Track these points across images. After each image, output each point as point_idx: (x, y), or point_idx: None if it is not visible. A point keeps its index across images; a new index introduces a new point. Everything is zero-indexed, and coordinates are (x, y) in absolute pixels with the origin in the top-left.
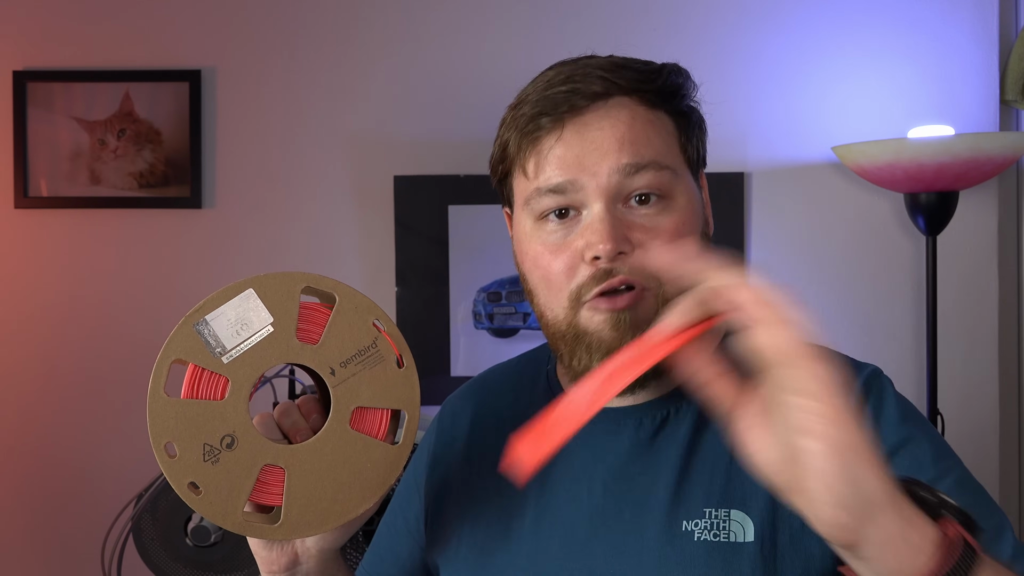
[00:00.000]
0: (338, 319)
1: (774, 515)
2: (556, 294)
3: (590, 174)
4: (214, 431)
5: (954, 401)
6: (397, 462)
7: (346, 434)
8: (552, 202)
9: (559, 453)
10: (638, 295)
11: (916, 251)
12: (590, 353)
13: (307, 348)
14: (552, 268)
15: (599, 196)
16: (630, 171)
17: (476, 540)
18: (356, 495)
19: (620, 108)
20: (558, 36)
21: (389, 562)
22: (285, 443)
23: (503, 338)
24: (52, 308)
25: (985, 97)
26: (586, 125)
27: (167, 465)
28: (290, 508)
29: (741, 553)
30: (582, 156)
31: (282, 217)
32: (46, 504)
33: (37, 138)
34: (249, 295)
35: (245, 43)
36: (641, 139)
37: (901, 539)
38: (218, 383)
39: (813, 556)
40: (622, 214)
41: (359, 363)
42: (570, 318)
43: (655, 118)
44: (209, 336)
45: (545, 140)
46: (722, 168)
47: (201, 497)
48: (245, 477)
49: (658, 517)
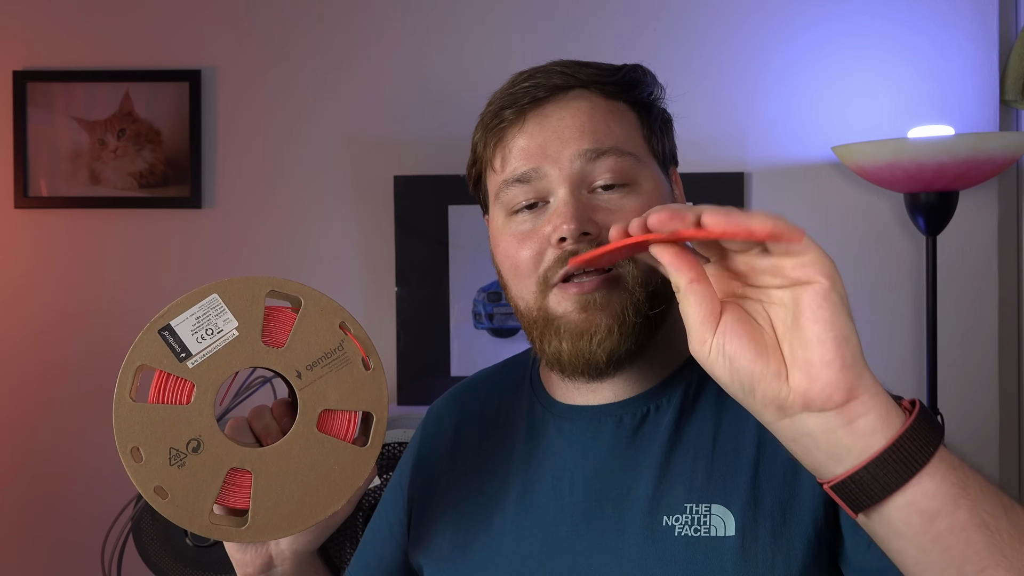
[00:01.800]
0: (304, 322)
1: (755, 509)
2: (524, 280)
3: (552, 161)
4: (180, 435)
5: (954, 401)
6: (365, 464)
7: (313, 436)
8: (520, 192)
9: (541, 451)
10: (605, 277)
11: (916, 251)
12: (559, 336)
13: (273, 351)
14: (519, 256)
15: (563, 182)
16: (592, 156)
17: (459, 539)
18: (324, 497)
19: (580, 99)
20: (558, 37)
21: (374, 566)
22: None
23: (502, 338)
24: (52, 308)
25: (985, 97)
26: (547, 116)
27: (133, 470)
28: (257, 511)
29: (722, 547)
30: (544, 145)
31: (282, 217)
32: (46, 504)
33: (37, 138)
34: (213, 300)
35: (245, 43)
36: (602, 127)
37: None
38: (183, 388)
39: (795, 549)
40: (587, 199)
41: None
42: (540, 302)
43: (615, 108)
44: (174, 341)
45: (508, 132)
46: (722, 168)
47: (167, 501)
48: (211, 480)
49: (639, 513)
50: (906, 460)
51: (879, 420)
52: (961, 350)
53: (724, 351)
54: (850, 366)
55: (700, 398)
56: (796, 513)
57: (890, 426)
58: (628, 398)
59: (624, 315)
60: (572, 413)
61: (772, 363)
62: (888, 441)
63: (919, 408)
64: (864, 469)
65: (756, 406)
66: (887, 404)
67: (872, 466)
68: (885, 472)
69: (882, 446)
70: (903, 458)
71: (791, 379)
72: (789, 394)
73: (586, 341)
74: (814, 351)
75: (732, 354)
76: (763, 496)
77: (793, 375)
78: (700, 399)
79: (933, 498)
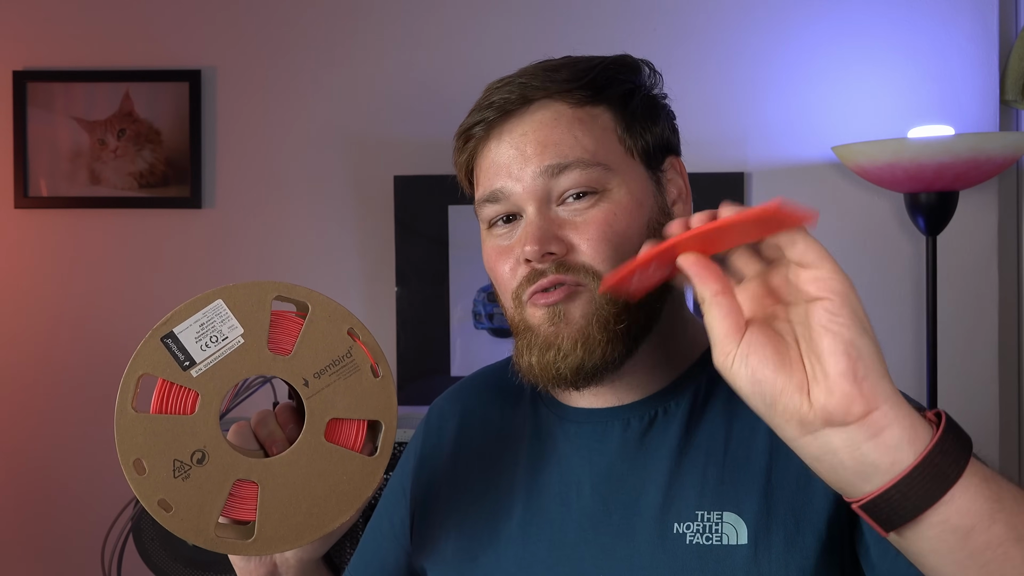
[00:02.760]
0: (311, 329)
1: (768, 517)
2: (504, 293)
3: (516, 179)
4: (184, 446)
5: (954, 401)
6: (374, 474)
7: (321, 446)
8: (492, 210)
9: (547, 454)
10: (569, 290)
11: (916, 251)
12: (530, 349)
13: (279, 359)
14: (498, 270)
15: (528, 200)
16: (553, 172)
17: (463, 543)
18: (332, 508)
19: (544, 110)
20: (558, 36)
21: (375, 567)
22: (260, 454)
23: (503, 338)
24: (52, 308)
25: (985, 97)
26: (511, 131)
27: (136, 482)
28: (264, 523)
29: (734, 556)
30: (509, 163)
31: (282, 217)
32: (46, 504)
33: (37, 138)
34: (218, 306)
35: (245, 43)
36: (566, 139)
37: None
38: (187, 397)
39: (808, 559)
40: (555, 214)
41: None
42: (519, 314)
43: (585, 115)
44: (177, 349)
45: (478, 150)
46: (722, 168)
47: (172, 514)
48: (217, 493)
49: (648, 520)
50: (937, 476)
51: (904, 432)
52: (961, 350)
53: (747, 363)
54: (864, 377)
55: (710, 403)
56: (810, 521)
57: (918, 439)
58: (634, 401)
59: (588, 330)
60: (578, 416)
61: (794, 378)
62: (918, 457)
63: (946, 420)
64: (894, 487)
65: (778, 420)
66: (911, 416)
67: (902, 484)
68: (916, 490)
69: (912, 462)
70: (934, 474)
71: (812, 394)
72: (810, 409)
73: (552, 355)
74: (828, 364)
75: (754, 367)
76: (776, 504)
77: (813, 390)
78: (710, 404)
79: (967, 514)
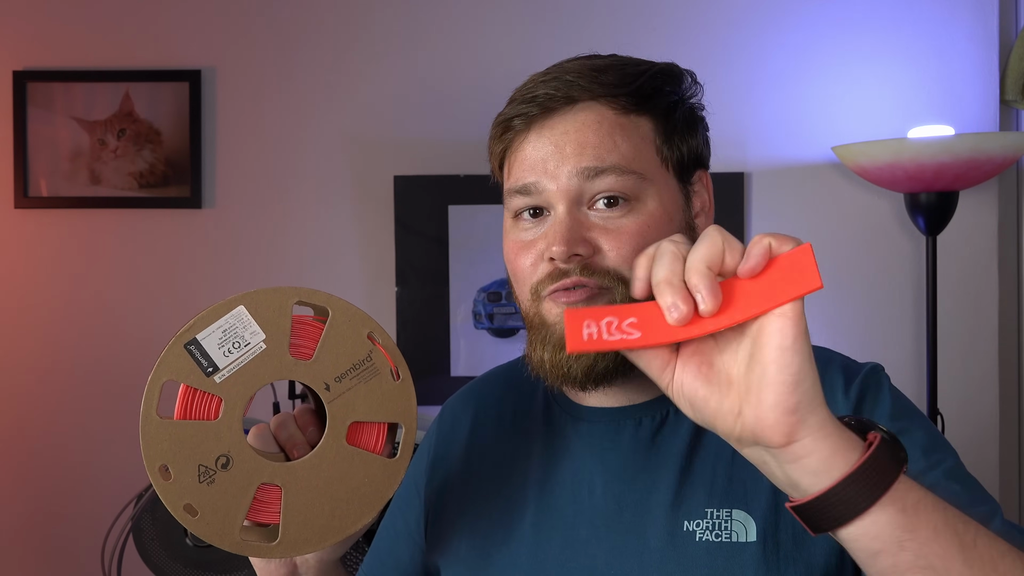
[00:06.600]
0: (331, 333)
1: (777, 515)
2: (522, 287)
3: (551, 176)
4: (209, 452)
5: (954, 401)
6: (395, 476)
7: (343, 450)
8: (521, 202)
9: (559, 452)
10: (591, 292)
11: (916, 251)
12: (543, 345)
13: (301, 364)
14: (518, 263)
15: (560, 199)
16: (590, 175)
17: (476, 541)
18: (355, 510)
19: (587, 112)
20: (558, 37)
21: (389, 565)
22: (281, 458)
23: (503, 338)
24: (52, 308)
25: (985, 97)
26: (552, 128)
27: (162, 488)
28: (288, 526)
29: (743, 553)
30: (546, 159)
31: (282, 217)
32: (46, 504)
33: (37, 138)
34: (240, 312)
35: (245, 43)
36: (606, 143)
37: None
38: (211, 403)
39: (817, 556)
40: (584, 216)
41: (354, 377)
42: (535, 308)
43: (627, 123)
44: (200, 356)
45: (515, 141)
46: (722, 168)
47: (198, 519)
48: (241, 497)
49: (659, 517)
50: (846, 503)
51: (822, 463)
52: (961, 350)
53: (683, 391)
54: (793, 410)
55: None
56: None
57: (835, 469)
58: (646, 401)
59: None
60: (590, 415)
61: (727, 402)
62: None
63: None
64: (813, 502)
65: (720, 436)
66: (833, 448)
67: (817, 502)
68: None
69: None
70: (842, 501)
71: (743, 414)
72: (743, 430)
73: (564, 354)
74: (765, 392)
75: (690, 394)
76: (784, 501)
77: (744, 410)
78: None
79: (875, 539)
